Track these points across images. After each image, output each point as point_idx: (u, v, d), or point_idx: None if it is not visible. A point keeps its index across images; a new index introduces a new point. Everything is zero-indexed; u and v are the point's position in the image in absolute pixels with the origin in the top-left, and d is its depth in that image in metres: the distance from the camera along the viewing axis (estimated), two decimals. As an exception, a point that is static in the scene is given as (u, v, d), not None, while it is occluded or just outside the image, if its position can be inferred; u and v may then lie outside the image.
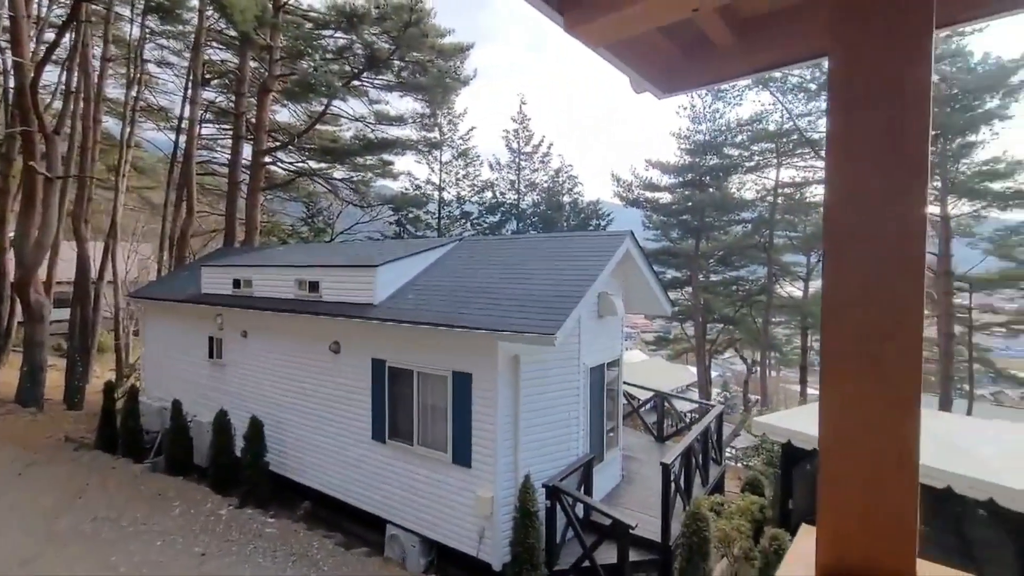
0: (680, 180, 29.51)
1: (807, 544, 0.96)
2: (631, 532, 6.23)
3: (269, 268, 10.42)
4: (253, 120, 19.51)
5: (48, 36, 16.95)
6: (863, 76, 0.85)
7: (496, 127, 28.70)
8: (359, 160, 23.75)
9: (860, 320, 0.86)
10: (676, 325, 32.78)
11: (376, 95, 22.16)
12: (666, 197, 30.36)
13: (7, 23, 14.73)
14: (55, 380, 16.48)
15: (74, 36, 16.12)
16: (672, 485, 7.09)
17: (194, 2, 18.81)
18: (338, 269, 9.12)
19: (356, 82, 20.67)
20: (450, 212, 27.78)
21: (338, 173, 24.06)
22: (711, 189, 28.45)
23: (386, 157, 24.25)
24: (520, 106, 28.49)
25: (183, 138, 19.52)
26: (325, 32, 19.89)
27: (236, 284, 10.74)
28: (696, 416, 12.45)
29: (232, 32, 18.61)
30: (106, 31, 17.62)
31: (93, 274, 17.56)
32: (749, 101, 35.16)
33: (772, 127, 27.28)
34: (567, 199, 28.14)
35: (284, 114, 23.43)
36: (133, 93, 18.89)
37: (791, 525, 7.20)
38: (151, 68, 21.79)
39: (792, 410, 9.77)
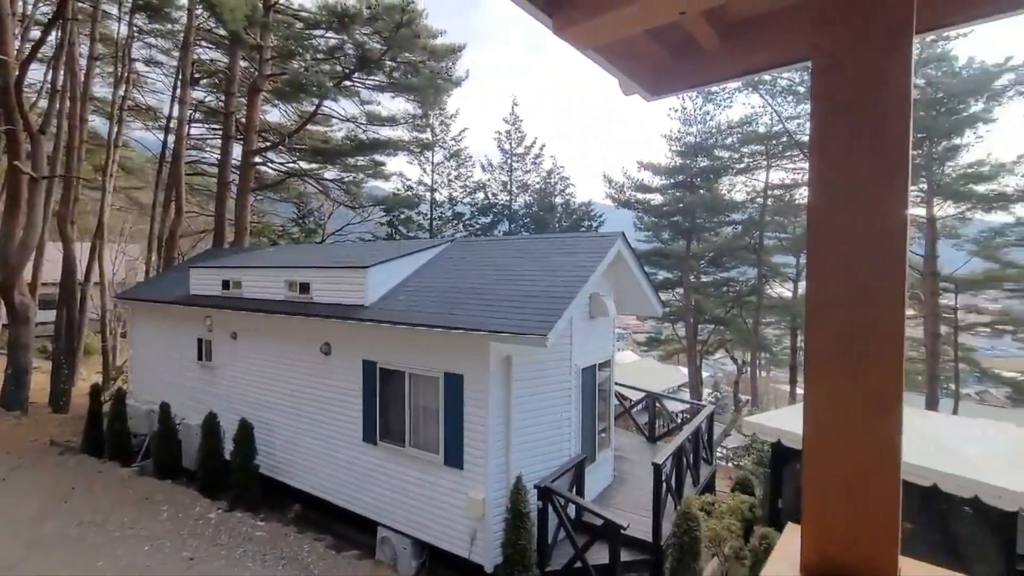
0: (671, 182, 29.68)
1: (792, 542, 0.97)
2: (622, 532, 6.25)
3: (259, 269, 10.34)
4: (243, 120, 19.36)
5: (34, 34, 16.70)
6: (844, 80, 0.86)
7: (492, 128, 28.76)
8: (350, 161, 23.65)
9: (843, 320, 0.87)
10: (667, 326, 32.93)
11: (368, 95, 22.10)
12: (657, 199, 30.52)
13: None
14: (40, 383, 16.23)
15: (60, 34, 15.90)
16: (663, 485, 7.11)
17: (183, 1, 18.66)
18: (329, 270, 9.07)
19: (347, 82, 20.58)
20: (442, 213, 27.74)
21: (329, 174, 23.95)
22: (702, 191, 28.63)
23: (378, 158, 24.17)
24: (512, 107, 28.57)
25: (172, 138, 19.31)
26: (316, 32, 19.80)
27: (225, 285, 10.64)
28: (687, 416, 12.51)
29: (222, 31, 18.44)
30: (93, 29, 17.40)
31: (79, 275, 17.31)
32: (739, 103, 35.66)
33: (762, 129, 27.52)
34: (559, 200, 28.23)
35: (274, 114, 23.29)
36: (121, 92, 18.66)
37: (781, 524, 7.27)
38: (139, 67, 21.55)
39: (782, 410, 9.86)
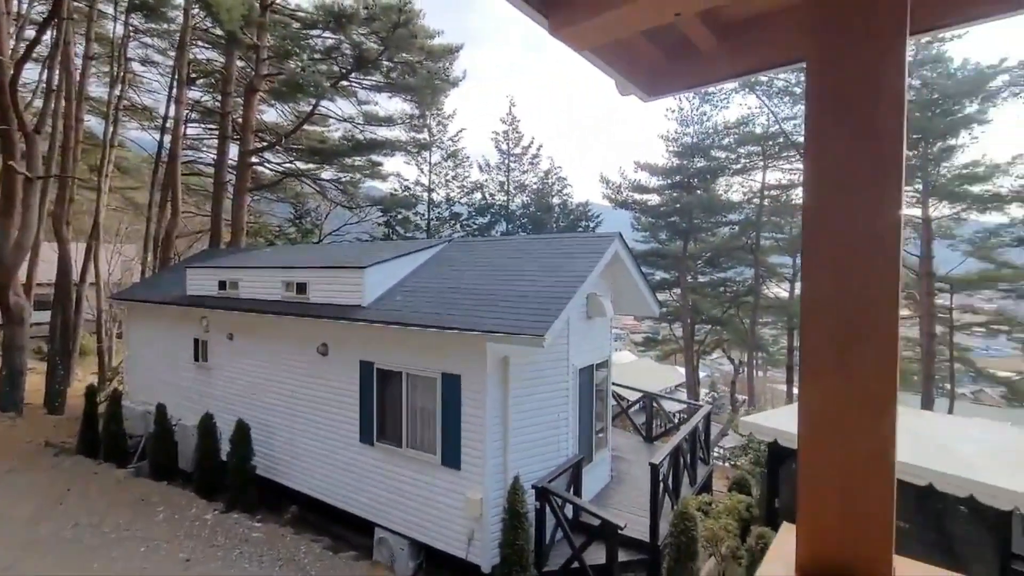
0: (668, 182, 29.75)
1: (787, 542, 0.98)
2: (620, 532, 6.25)
3: (256, 269, 10.31)
4: (239, 120, 19.30)
5: (29, 33, 16.62)
6: (839, 81, 0.87)
7: (490, 128, 28.72)
8: (347, 161, 23.61)
9: (837, 320, 0.88)
10: (665, 326, 33.00)
11: (365, 96, 22.09)
12: (654, 199, 30.58)
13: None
14: (35, 384, 16.15)
15: (55, 33, 15.82)
16: (660, 485, 7.13)
17: (179, 0, 18.60)
18: (326, 270, 9.05)
19: (344, 82, 20.56)
20: (439, 213, 27.73)
21: (326, 174, 23.90)
22: (699, 191, 28.70)
23: (375, 158, 24.15)
24: (510, 107, 28.55)
25: (168, 138, 19.25)
26: (313, 32, 19.76)
27: (222, 286, 10.61)
28: (684, 416, 12.53)
29: (218, 31, 18.40)
30: (89, 29, 17.33)
31: (75, 276, 17.24)
32: (736, 104, 35.56)
33: (758, 130, 27.62)
34: (556, 201, 28.25)
35: (271, 114, 23.24)
36: (116, 92, 18.60)
37: (777, 523, 7.28)
38: (135, 67, 21.49)
39: (778, 409, 9.88)
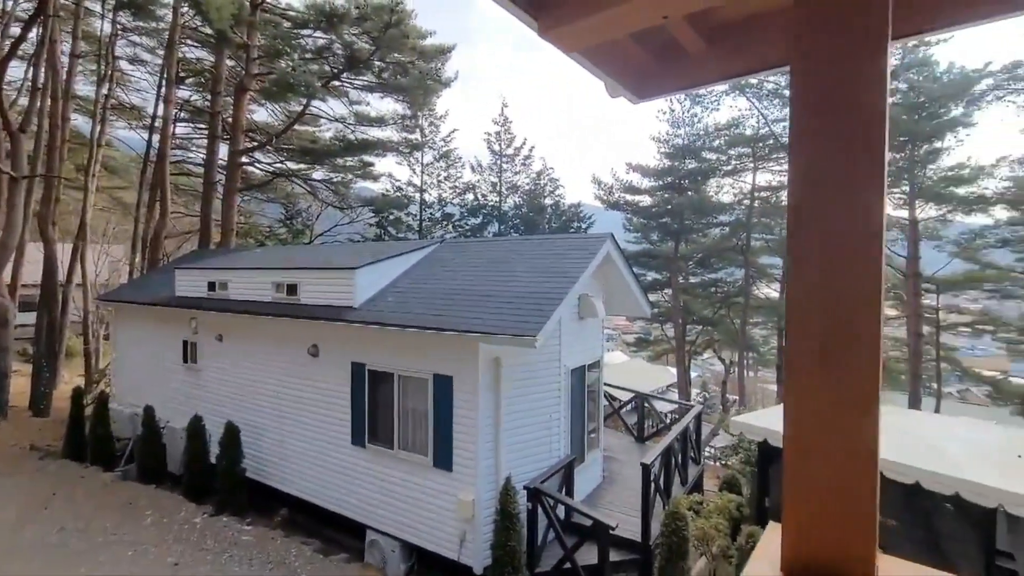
0: (660, 183, 29.91)
1: (773, 541, 0.98)
2: (611, 532, 6.27)
3: (246, 270, 10.23)
4: (229, 119, 19.15)
5: (14, 30, 16.36)
6: (822, 85, 0.88)
7: (486, 129, 28.74)
8: (339, 161, 23.50)
9: (821, 320, 0.89)
10: (656, 327, 33.16)
11: (356, 96, 21.99)
12: (646, 200, 30.73)
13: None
14: (20, 386, 15.90)
15: (41, 31, 15.60)
16: (652, 485, 7.15)
17: (168, -2, 18.42)
18: (317, 271, 9.00)
19: (336, 82, 20.46)
20: (431, 214, 27.67)
21: (317, 174, 23.80)
22: (690, 192, 28.89)
23: (366, 158, 24.06)
24: (502, 108, 28.57)
25: (156, 137, 19.03)
26: (304, 31, 19.66)
27: (211, 287, 10.51)
28: (676, 416, 12.59)
29: (208, 30, 18.23)
30: (75, 26, 17.10)
31: (61, 276, 16.98)
32: (726, 106, 35.96)
33: (749, 132, 27.84)
34: (549, 201, 28.29)
35: (262, 114, 23.09)
36: (104, 91, 18.36)
37: (767, 522, 7.34)
38: (123, 65, 21.24)
39: (768, 409, 9.97)
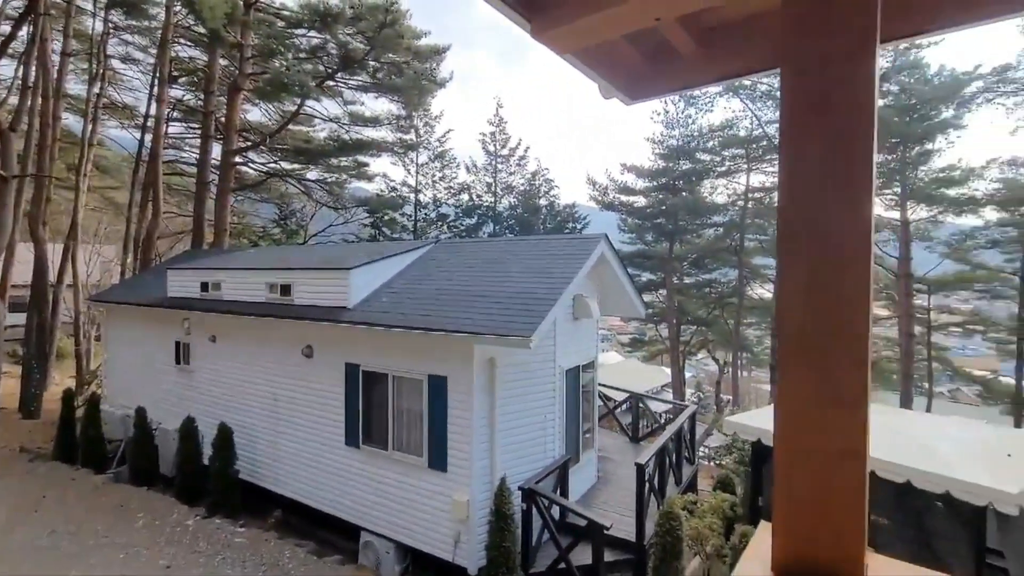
0: (654, 184, 30.01)
1: (765, 540, 0.99)
2: (606, 532, 6.28)
3: (239, 271, 10.17)
4: (223, 119, 19.03)
5: (4, 28, 16.20)
6: (811, 87, 0.89)
7: (483, 130, 28.75)
8: (333, 161, 23.42)
9: (811, 321, 0.89)
10: (651, 327, 33.27)
11: (351, 96, 21.92)
12: (641, 201, 30.83)
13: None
14: (10, 388, 15.75)
15: (32, 29, 15.45)
16: (646, 485, 7.18)
17: (161, -3, 18.29)
18: (311, 272, 8.97)
19: (330, 82, 20.40)
20: (426, 214, 27.63)
21: (311, 174, 23.69)
22: (684, 193, 29.00)
23: (361, 158, 23.98)
24: (497, 109, 28.56)
25: (149, 136, 18.92)
26: (298, 31, 19.57)
27: (204, 287, 10.45)
28: (670, 416, 12.64)
29: (201, 29, 18.13)
30: (67, 25, 16.94)
31: (52, 277, 16.83)
32: (720, 108, 36.24)
33: (742, 133, 28.01)
34: (543, 202, 28.32)
35: (255, 113, 22.99)
36: (96, 90, 18.21)
37: (761, 521, 7.37)
38: (115, 64, 21.06)
39: (762, 409, 10.02)
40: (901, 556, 1.03)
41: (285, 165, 23.16)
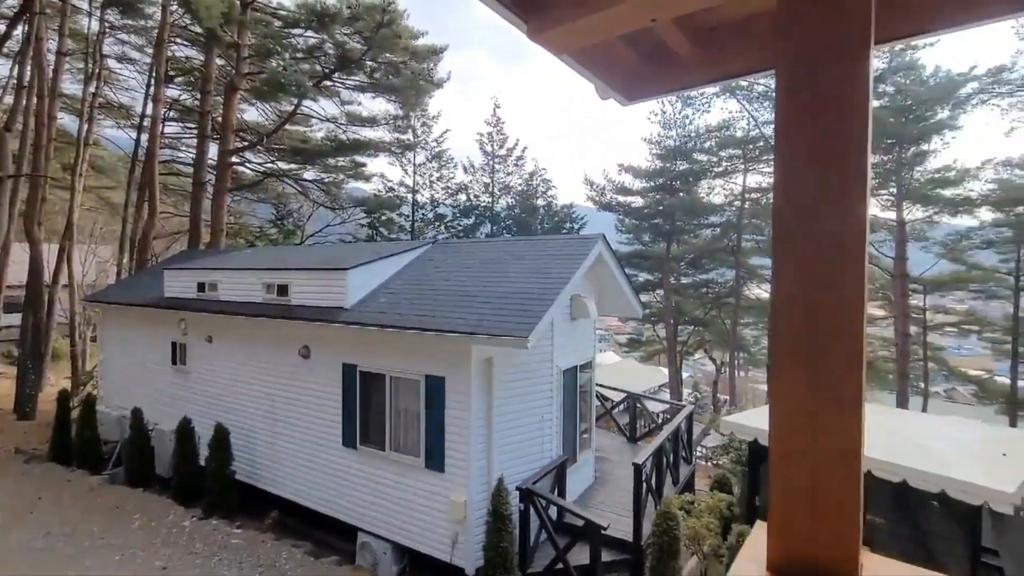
0: (651, 184, 30.07)
1: (760, 540, 0.99)
2: (603, 532, 6.28)
3: (236, 271, 10.14)
4: (219, 119, 18.98)
5: (-2, 28, 16.14)
6: (806, 89, 0.89)
7: (481, 130, 28.74)
8: (330, 161, 23.38)
9: (806, 320, 0.90)
10: (648, 327, 33.31)
11: (348, 96, 21.90)
12: (638, 201, 30.88)
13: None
14: (5, 389, 15.68)
15: (27, 28, 15.38)
16: (644, 485, 7.18)
17: (157, -3, 18.23)
18: (308, 272, 8.95)
19: (327, 82, 20.36)
20: (424, 215, 27.62)
21: (308, 174, 23.65)
22: (681, 194, 29.06)
23: (358, 158, 23.95)
24: (494, 109, 28.57)
25: (145, 136, 18.84)
26: (295, 31, 19.54)
27: (201, 288, 10.42)
28: (667, 416, 12.66)
29: (197, 28, 18.07)
30: (62, 24, 16.87)
31: (47, 277, 16.75)
32: (717, 108, 36.25)
33: (739, 134, 28.07)
34: (541, 202, 28.34)
35: (252, 113, 22.93)
36: (91, 89, 18.12)
37: (756, 521, 7.39)
38: (111, 64, 20.99)
39: (759, 409, 10.03)
40: (897, 555, 1.04)
41: (282, 165, 23.12)
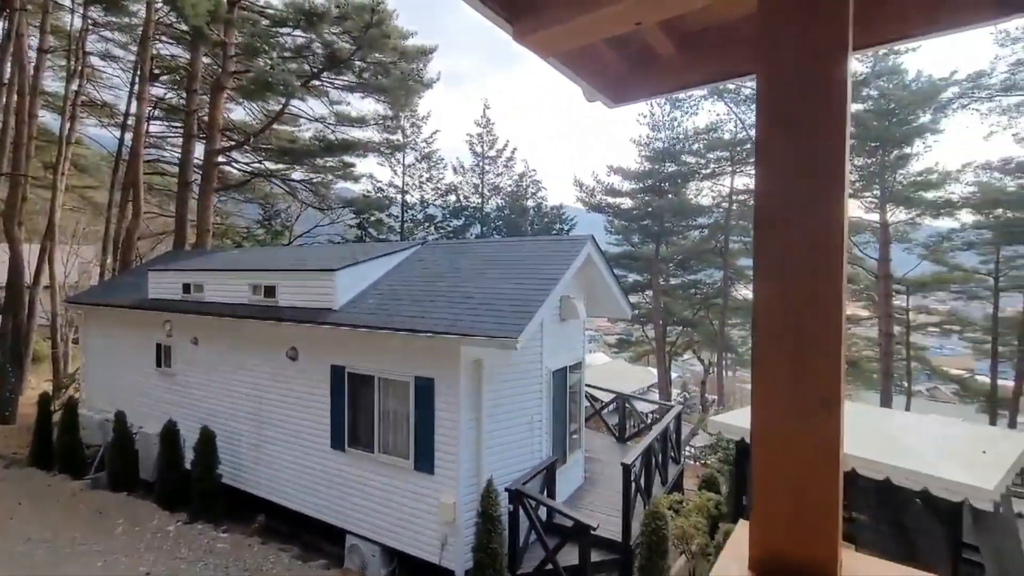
0: (641, 186, 30.25)
1: (742, 538, 1.00)
2: (593, 533, 6.30)
3: (222, 272, 10.03)
4: (206, 118, 18.77)
5: (-23, 24, 15.79)
6: (785, 94, 0.91)
7: (472, 131, 28.66)
8: (319, 161, 23.21)
9: (786, 321, 0.91)
10: (637, 328, 33.50)
11: (337, 95, 21.77)
12: (627, 203, 31.04)
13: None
14: (-17, 392, 15.30)
15: (7, 25, 15.10)
16: (633, 485, 7.22)
17: (142, -6, 17.96)
18: (296, 273, 8.88)
19: (315, 82, 20.22)
20: (413, 215, 27.52)
21: (297, 174, 23.46)
22: (670, 195, 29.29)
23: (347, 159, 23.80)
24: (484, 110, 28.56)
25: (129, 135, 18.55)
26: (282, 30, 19.38)
27: (186, 289, 10.29)
28: (656, 416, 12.73)
29: (183, 26, 17.85)
30: (44, 21, 16.57)
31: (28, 278, 16.43)
32: (705, 111, 36.66)
33: (727, 136, 28.37)
34: (531, 203, 28.38)
35: (239, 112, 22.69)
36: (74, 87, 17.80)
37: (740, 520, 7.46)
38: (94, 61, 20.63)
39: (746, 409, 10.13)
40: (881, 552, 1.05)
41: (270, 165, 22.91)
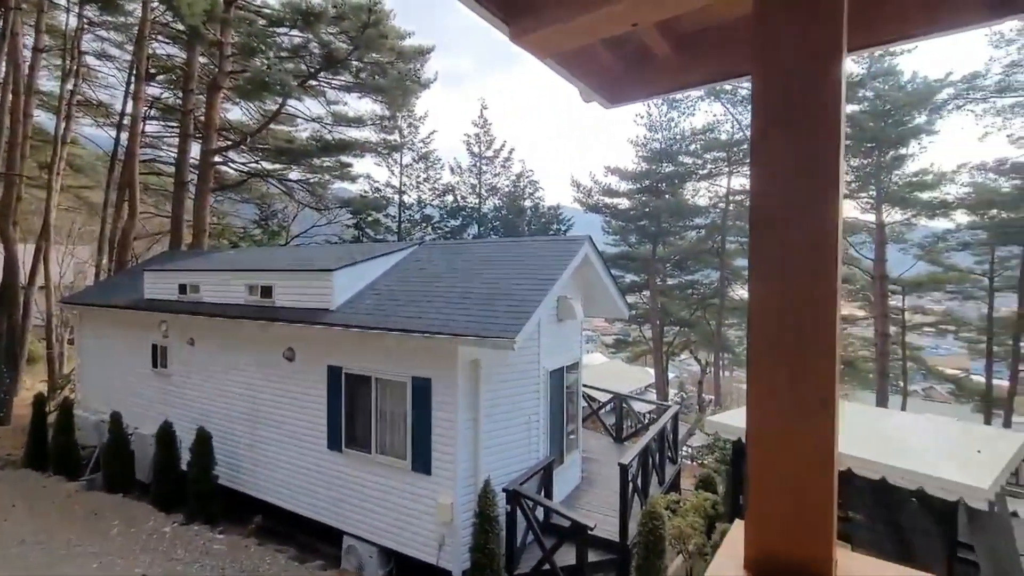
0: (638, 186, 30.29)
1: (738, 538, 1.01)
2: (590, 533, 6.31)
3: (218, 272, 10.00)
4: (202, 118, 18.71)
5: (-29, 23, 15.69)
6: (779, 95, 0.91)
7: (470, 131, 28.60)
8: (316, 161, 23.16)
9: (781, 322, 0.91)
10: (634, 328, 33.54)
11: (334, 95, 21.72)
12: (624, 203, 31.08)
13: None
14: (-23, 393, 15.21)
15: (2, 24, 15.02)
16: (630, 485, 7.22)
17: (137, -7, 17.89)
18: (293, 273, 8.86)
19: (312, 82, 20.17)
20: (410, 215, 27.50)
21: (294, 174, 23.41)
22: (667, 196, 29.33)
23: (344, 159, 23.76)
24: (481, 111, 28.57)
25: (125, 135, 18.49)
26: (279, 29, 19.33)
27: (183, 289, 10.25)
28: (653, 417, 12.74)
29: (179, 25, 17.80)
30: (39, 20, 16.48)
31: (23, 278, 16.35)
32: (702, 112, 36.62)
33: (724, 137, 28.44)
34: (528, 204, 28.40)
35: (236, 112, 22.60)
36: (69, 86, 17.73)
37: (735, 519, 7.47)
38: (89, 60, 20.54)
39: (742, 409, 10.12)
40: (876, 551, 1.06)
41: (266, 165, 22.85)
